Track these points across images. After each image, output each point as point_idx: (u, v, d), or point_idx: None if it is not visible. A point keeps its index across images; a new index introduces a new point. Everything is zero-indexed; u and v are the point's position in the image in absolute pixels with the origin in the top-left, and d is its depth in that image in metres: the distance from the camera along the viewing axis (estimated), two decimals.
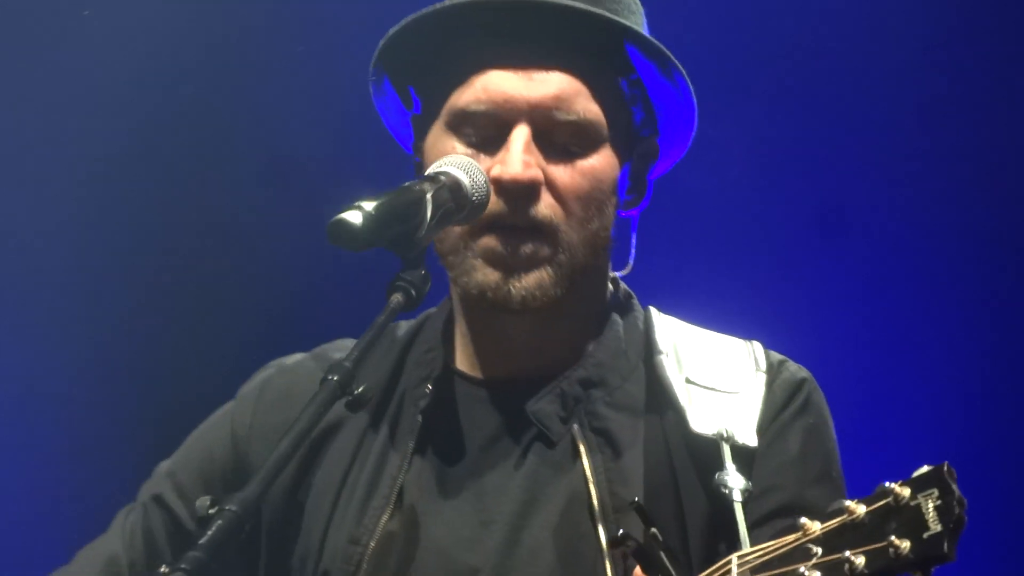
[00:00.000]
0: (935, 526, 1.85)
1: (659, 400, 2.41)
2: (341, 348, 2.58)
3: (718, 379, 2.43)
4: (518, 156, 2.37)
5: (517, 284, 2.36)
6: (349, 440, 2.46)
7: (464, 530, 2.38)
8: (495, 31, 2.41)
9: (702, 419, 2.35)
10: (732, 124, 4.83)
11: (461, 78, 2.41)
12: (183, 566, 1.91)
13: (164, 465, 2.58)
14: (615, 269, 2.61)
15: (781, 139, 5.12)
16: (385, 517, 2.39)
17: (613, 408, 2.44)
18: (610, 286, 2.57)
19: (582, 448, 2.37)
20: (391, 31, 2.46)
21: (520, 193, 2.37)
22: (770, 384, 2.44)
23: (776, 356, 2.52)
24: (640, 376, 2.47)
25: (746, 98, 5.06)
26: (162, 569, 1.94)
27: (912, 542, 1.85)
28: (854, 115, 5.20)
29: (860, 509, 1.91)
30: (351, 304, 3.11)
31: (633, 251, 2.56)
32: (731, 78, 4.90)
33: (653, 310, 2.58)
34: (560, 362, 2.47)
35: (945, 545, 1.83)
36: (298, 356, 2.63)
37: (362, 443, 2.46)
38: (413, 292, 2.20)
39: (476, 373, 2.51)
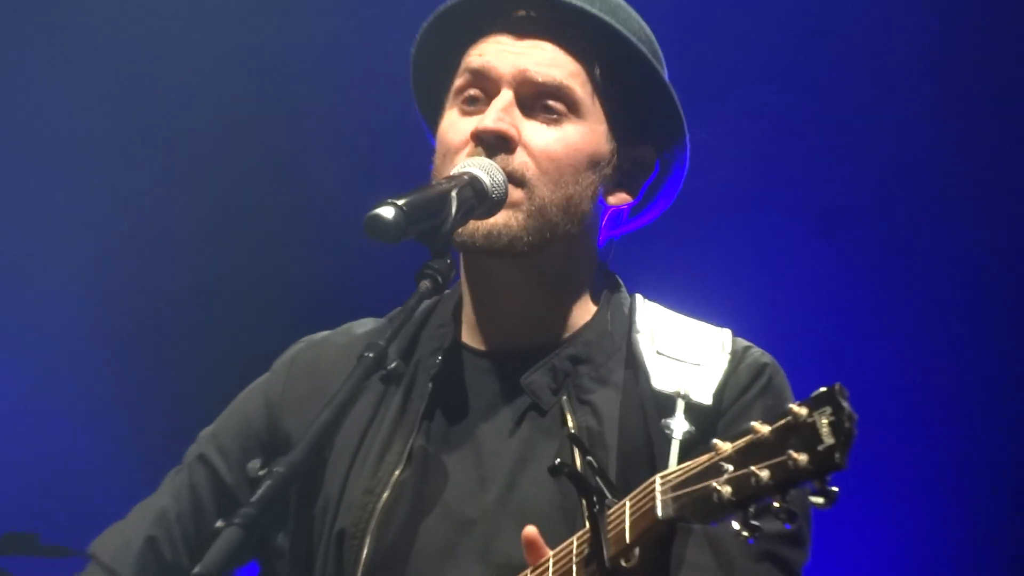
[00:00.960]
0: (828, 439, 2.05)
1: (635, 372, 2.68)
2: (363, 325, 2.88)
3: (686, 353, 2.70)
4: (493, 111, 2.61)
5: (488, 220, 2.59)
6: (368, 405, 2.72)
7: (465, 485, 2.66)
8: (494, 12, 2.69)
9: (664, 380, 2.65)
10: (723, 123, 5.05)
11: (458, 58, 2.72)
12: (236, 520, 2.12)
13: (207, 430, 2.86)
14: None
15: (774, 138, 5.35)
16: (397, 472, 2.65)
17: (597, 382, 2.70)
18: (601, 272, 2.85)
19: (568, 416, 2.64)
20: (412, 51, 2.78)
21: (492, 143, 2.60)
22: (735, 365, 2.69)
23: (743, 342, 2.76)
24: (622, 355, 2.72)
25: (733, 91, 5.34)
26: (217, 523, 2.14)
27: (809, 455, 2.06)
28: (845, 111, 5.43)
29: (764, 429, 2.12)
30: (374, 290, 3.32)
31: (615, 239, 2.84)
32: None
33: (639, 296, 2.83)
34: (553, 338, 2.73)
35: (837, 456, 2.04)
36: (325, 333, 2.90)
37: (379, 408, 2.73)
38: (439, 279, 2.46)
39: (480, 346, 2.76)
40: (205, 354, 5.00)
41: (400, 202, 2.40)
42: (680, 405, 2.57)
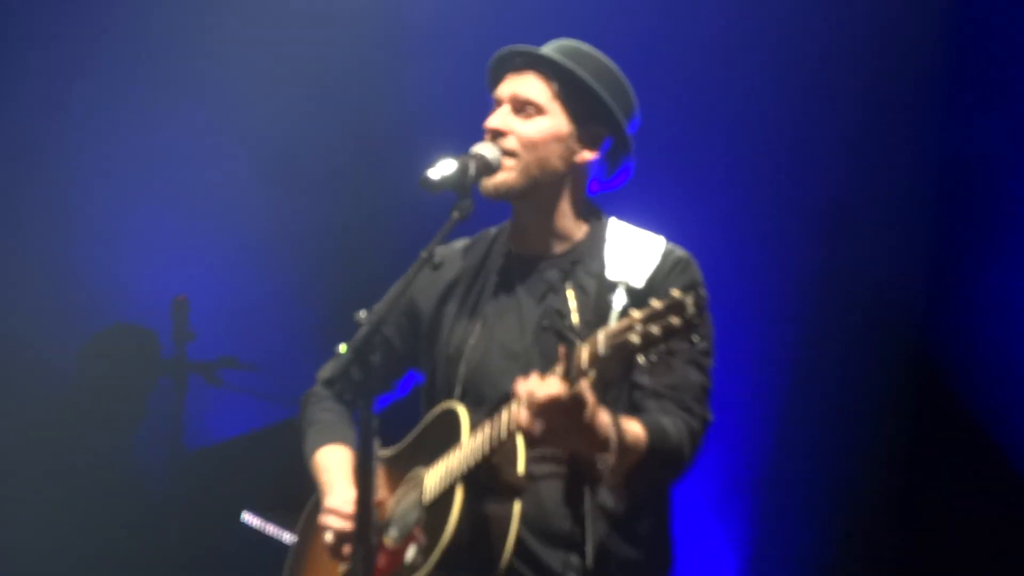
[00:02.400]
0: (691, 310, 3.29)
1: (605, 268, 3.93)
2: (458, 242, 4.16)
3: (634, 254, 3.90)
4: (495, 117, 3.93)
5: (496, 178, 3.90)
6: (462, 290, 4.05)
7: (513, 333, 3.94)
8: (504, 67, 4.03)
9: (614, 273, 3.83)
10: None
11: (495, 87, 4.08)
12: (351, 345, 3.51)
13: (379, 303, 4.11)
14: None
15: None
16: (478, 325, 3.97)
17: (587, 275, 3.92)
18: (590, 209, 4.05)
19: (570, 295, 3.90)
20: (488, 67, 4.07)
21: (494, 134, 3.92)
22: (664, 260, 3.87)
23: (672, 245, 3.94)
24: (601, 259, 3.94)
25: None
26: (339, 346, 3.59)
27: (680, 318, 3.29)
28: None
29: (658, 304, 3.31)
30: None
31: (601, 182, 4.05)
32: None
33: (613, 218, 4.04)
34: (560, 248, 3.99)
35: (694, 319, 3.27)
36: (438, 248, 4.04)
37: (469, 291, 4.04)
38: (461, 212, 3.77)
39: (522, 253, 4.03)
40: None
41: (442, 165, 3.76)
42: (622, 288, 3.62)
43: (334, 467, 4.09)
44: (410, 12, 6.76)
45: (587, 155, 3.94)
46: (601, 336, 3.43)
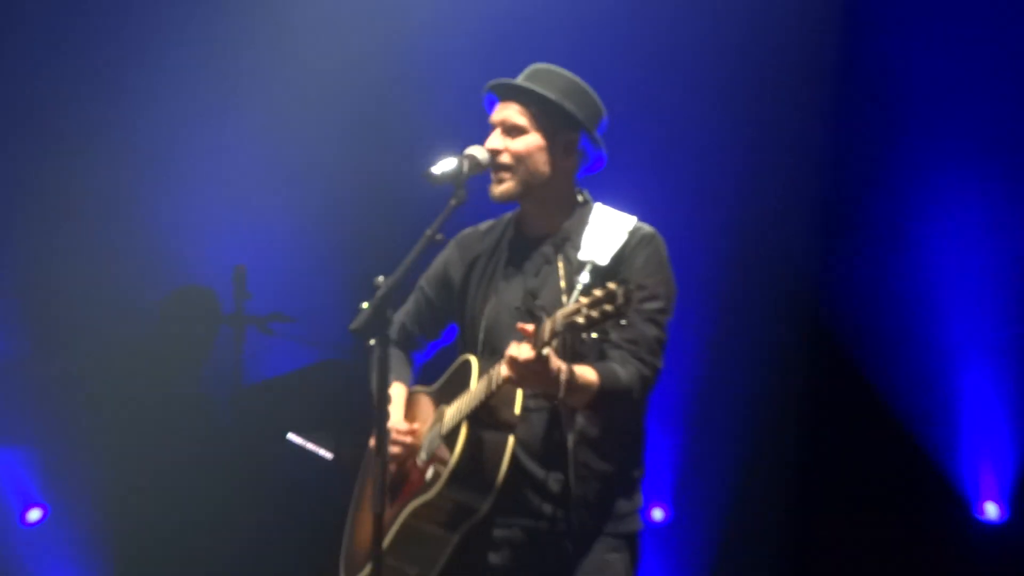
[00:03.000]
0: (621, 300, 3.82)
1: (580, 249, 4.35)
2: (481, 226, 4.64)
3: (606, 234, 4.35)
4: (492, 139, 4.44)
5: (499, 189, 4.42)
6: (483, 263, 4.54)
7: (517, 294, 4.40)
8: (495, 95, 4.50)
9: (584, 253, 4.28)
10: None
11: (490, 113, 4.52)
12: (371, 303, 4.05)
13: (424, 276, 4.68)
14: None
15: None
16: (493, 291, 4.44)
17: (574, 250, 4.35)
18: (578, 197, 4.50)
19: (560, 265, 4.39)
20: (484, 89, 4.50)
21: (493, 152, 4.40)
22: (631, 235, 4.34)
23: (641, 223, 4.39)
24: (583, 234, 4.38)
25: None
26: (361, 304, 4.06)
27: (613, 306, 3.84)
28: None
29: (599, 292, 3.85)
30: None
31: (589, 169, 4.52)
32: None
33: (598, 204, 4.48)
34: (554, 230, 4.44)
35: (624, 309, 3.80)
36: (467, 229, 4.65)
37: (488, 264, 4.53)
38: (457, 200, 4.28)
39: (526, 234, 4.51)
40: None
41: (441, 163, 4.25)
42: (588, 267, 4.16)
43: (390, 399, 4.45)
44: (432, 43, 7.43)
45: (566, 157, 4.44)
46: (558, 315, 3.97)
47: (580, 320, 3.88)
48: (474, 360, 4.32)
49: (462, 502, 4.21)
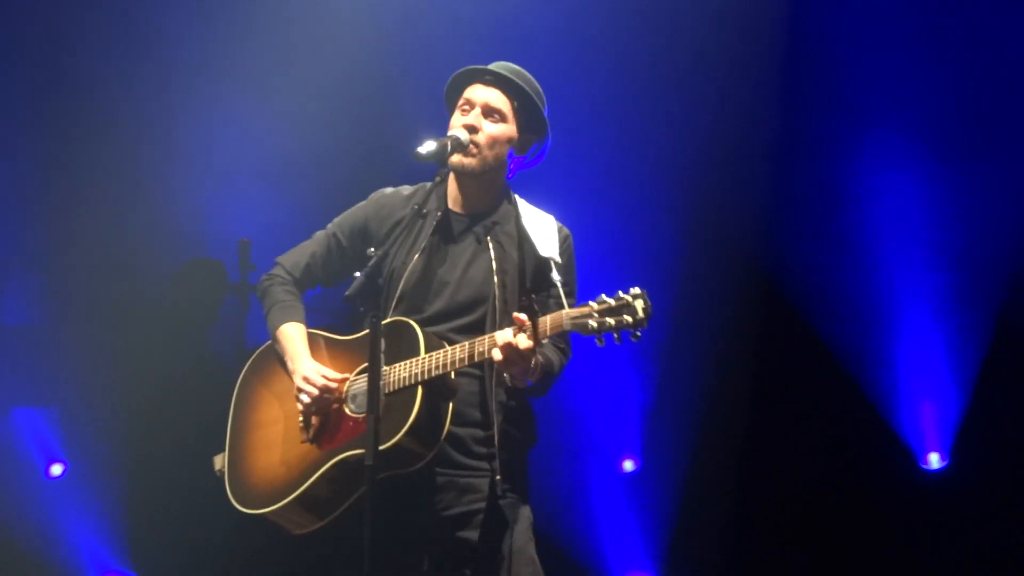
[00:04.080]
0: (641, 314, 4.04)
1: (521, 235, 4.64)
2: (405, 189, 4.77)
3: (542, 230, 4.62)
4: (472, 116, 4.62)
5: (461, 160, 4.55)
6: (406, 225, 4.58)
7: (444, 269, 4.58)
8: (475, 78, 4.70)
9: (543, 248, 4.56)
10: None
11: (462, 92, 4.73)
12: (362, 273, 4.27)
13: (335, 220, 4.81)
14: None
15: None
16: (417, 255, 4.57)
17: (504, 234, 4.62)
18: (506, 186, 4.79)
19: (490, 245, 4.60)
20: (447, 83, 4.76)
21: (470, 128, 4.59)
22: (559, 234, 4.62)
23: (559, 222, 4.67)
24: (513, 223, 4.66)
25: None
26: (356, 273, 4.30)
27: (632, 317, 4.04)
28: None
29: (611, 301, 4.05)
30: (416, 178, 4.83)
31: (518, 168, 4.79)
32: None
33: (517, 195, 4.77)
34: (486, 211, 4.66)
35: (644, 321, 4.02)
36: (389, 188, 4.80)
37: (411, 227, 4.64)
38: (441, 177, 4.53)
39: (456, 211, 4.70)
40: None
41: (427, 144, 4.41)
42: (554, 265, 4.39)
43: (299, 339, 4.69)
44: (422, 39, 7.69)
45: (519, 154, 4.71)
46: (565, 316, 4.17)
47: (592, 324, 4.11)
48: (415, 325, 4.47)
49: (403, 456, 4.39)
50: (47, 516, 7.65)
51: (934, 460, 7.38)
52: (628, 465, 7.93)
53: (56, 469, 7.93)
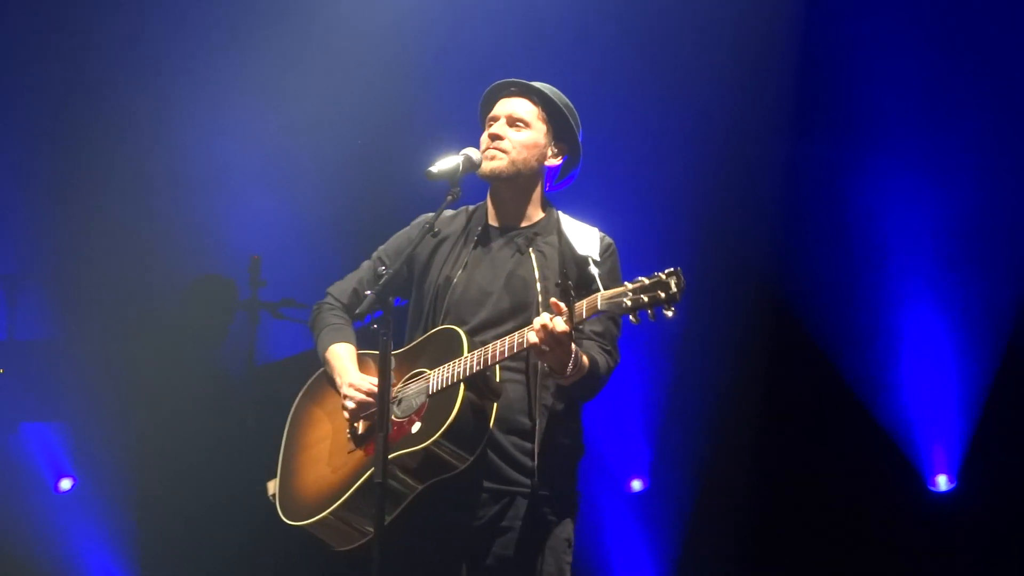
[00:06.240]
0: (674, 288, 4.03)
1: (563, 243, 4.65)
2: (444, 213, 4.77)
3: (583, 238, 4.62)
4: (497, 126, 4.67)
5: (491, 165, 4.59)
6: (449, 245, 4.74)
7: (487, 279, 4.63)
8: (501, 92, 4.77)
9: (581, 248, 4.54)
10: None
11: (492, 108, 4.77)
12: (375, 291, 4.43)
13: (380, 248, 4.87)
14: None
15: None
16: (460, 270, 4.64)
17: (546, 244, 4.64)
18: (546, 200, 4.81)
19: (532, 257, 4.62)
20: (483, 96, 4.80)
21: (494, 137, 4.64)
22: (600, 242, 4.61)
23: (603, 233, 4.67)
24: (555, 235, 4.69)
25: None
26: (366, 292, 4.59)
27: (665, 293, 4.04)
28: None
29: (645, 280, 4.06)
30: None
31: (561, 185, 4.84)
32: None
33: (560, 212, 4.76)
34: (526, 223, 4.70)
35: (677, 296, 4.01)
36: (429, 214, 4.75)
37: (454, 247, 4.73)
38: (452, 196, 4.49)
39: (496, 225, 4.74)
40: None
41: (439, 162, 4.47)
42: (592, 260, 4.37)
43: (348, 358, 4.73)
44: (441, 42, 7.73)
45: (553, 162, 4.75)
46: (600, 296, 4.20)
47: (627, 302, 4.12)
48: (462, 332, 4.51)
49: (445, 458, 4.40)
50: (56, 531, 7.69)
51: (942, 482, 7.36)
52: (636, 485, 7.93)
53: (65, 484, 7.98)
